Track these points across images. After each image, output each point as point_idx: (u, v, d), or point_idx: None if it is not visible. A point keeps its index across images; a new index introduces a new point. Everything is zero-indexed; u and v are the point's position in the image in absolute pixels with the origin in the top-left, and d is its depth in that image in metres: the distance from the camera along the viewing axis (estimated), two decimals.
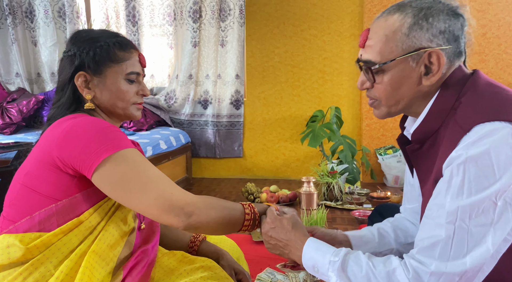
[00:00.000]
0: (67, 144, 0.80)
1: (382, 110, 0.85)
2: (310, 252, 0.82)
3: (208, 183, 3.69)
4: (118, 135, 0.82)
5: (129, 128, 3.41)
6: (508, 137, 0.67)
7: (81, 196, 0.83)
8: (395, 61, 0.78)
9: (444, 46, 0.76)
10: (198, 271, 0.93)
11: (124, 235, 0.88)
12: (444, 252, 0.67)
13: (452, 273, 0.66)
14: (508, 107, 0.70)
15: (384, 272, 0.71)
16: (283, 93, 3.76)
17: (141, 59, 0.97)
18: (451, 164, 0.70)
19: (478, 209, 0.66)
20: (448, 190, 0.69)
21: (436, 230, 0.69)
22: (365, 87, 0.85)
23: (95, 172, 0.78)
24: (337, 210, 2.68)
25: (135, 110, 0.96)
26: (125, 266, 0.86)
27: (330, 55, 3.66)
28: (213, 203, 0.84)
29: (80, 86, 0.91)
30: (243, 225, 0.89)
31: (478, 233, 0.66)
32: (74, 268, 0.79)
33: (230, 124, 3.80)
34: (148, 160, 0.85)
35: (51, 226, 0.81)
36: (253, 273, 1.56)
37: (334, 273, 0.76)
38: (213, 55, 3.73)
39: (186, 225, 0.79)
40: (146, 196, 0.78)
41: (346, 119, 3.67)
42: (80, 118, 0.84)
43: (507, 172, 0.66)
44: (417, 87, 0.80)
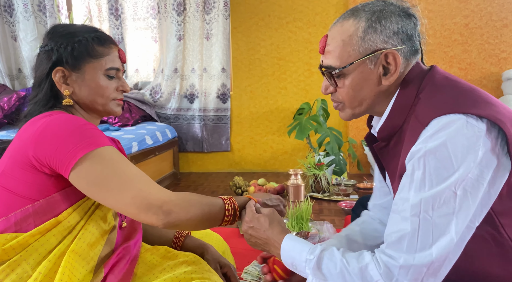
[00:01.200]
0: (43, 142, 0.78)
1: (347, 112, 0.87)
2: (288, 251, 0.82)
3: (195, 177, 3.67)
4: (95, 133, 0.81)
5: (114, 123, 3.36)
6: (462, 128, 0.68)
7: (59, 195, 0.81)
8: (354, 65, 0.80)
9: (399, 46, 0.79)
10: (181, 266, 0.92)
11: (104, 233, 0.87)
12: (411, 244, 0.69)
13: (420, 265, 0.68)
14: (462, 100, 0.72)
15: (357, 268, 0.72)
16: (270, 86, 3.75)
17: (121, 54, 0.95)
18: (412, 158, 0.72)
19: (439, 200, 0.68)
20: (411, 184, 0.71)
21: (402, 224, 0.70)
22: (328, 92, 0.87)
23: (72, 171, 0.76)
24: (324, 201, 2.71)
25: (115, 106, 0.95)
26: (106, 264, 0.85)
27: (316, 47, 3.65)
28: (192, 200, 0.84)
29: (58, 82, 0.88)
30: (223, 220, 0.89)
31: (441, 223, 0.68)
32: (53, 269, 0.78)
33: (217, 118, 3.78)
34: (126, 158, 0.83)
35: (28, 227, 0.79)
36: (240, 266, 1.56)
37: (310, 271, 0.77)
38: (198, 49, 3.69)
39: (165, 223, 0.78)
40: (123, 194, 0.77)
41: (333, 111, 3.68)
42: (55, 116, 0.82)
43: (464, 162, 0.68)
44: (378, 88, 0.82)
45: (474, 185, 0.68)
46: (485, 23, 3.33)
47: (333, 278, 0.75)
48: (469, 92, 0.75)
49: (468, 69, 3.40)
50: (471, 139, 0.68)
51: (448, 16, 3.37)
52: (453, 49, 3.40)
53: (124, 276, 0.87)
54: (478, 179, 0.68)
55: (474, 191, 0.68)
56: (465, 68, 3.40)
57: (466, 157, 0.68)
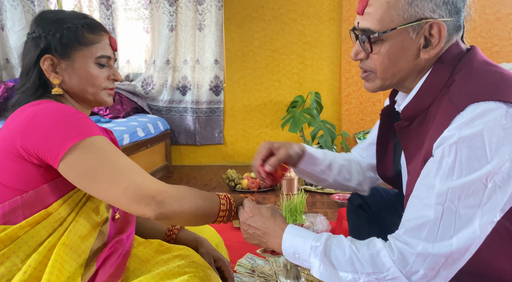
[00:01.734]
0: (31, 132, 0.75)
1: (376, 83, 0.82)
2: (290, 239, 0.80)
3: (188, 170, 3.65)
4: (86, 122, 0.78)
5: (105, 115, 3.32)
6: (501, 118, 0.65)
7: (48, 187, 0.79)
8: (396, 31, 0.74)
9: (446, 17, 0.73)
10: (175, 259, 0.91)
11: (96, 226, 0.85)
12: (431, 233, 0.66)
13: (438, 254, 0.66)
14: (503, 87, 0.68)
15: (368, 254, 0.70)
16: (263, 79, 3.73)
17: (112, 42, 0.92)
18: (442, 144, 0.68)
19: (467, 191, 0.65)
20: (438, 170, 0.68)
21: (424, 211, 0.68)
22: (359, 58, 0.81)
23: (61, 161, 0.74)
24: (317, 194, 2.71)
25: (106, 96, 0.92)
26: (98, 257, 0.83)
27: (310, 39, 3.63)
28: (186, 193, 0.82)
29: (46, 70, 0.85)
30: (218, 216, 0.87)
31: (466, 215, 0.65)
32: (43, 262, 0.76)
33: (210, 111, 3.75)
34: (118, 148, 0.81)
35: (16, 219, 0.77)
36: (234, 258, 1.55)
37: (318, 258, 0.74)
38: (190, 40, 3.64)
39: (158, 215, 0.76)
40: (115, 185, 0.75)
41: (326, 104, 3.68)
42: (44, 104, 0.79)
43: (498, 154, 0.64)
44: (415, 61, 0.77)
45: (505, 179, 0.65)
46: (478, 16, 3.34)
47: (341, 266, 0.72)
48: (510, 79, 0.70)
49: None
50: (509, 131, 0.64)
51: None
52: None
53: (116, 270, 0.85)
54: (509, 172, 0.65)
55: (504, 185, 0.66)
56: None
57: (501, 149, 0.64)
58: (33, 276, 0.74)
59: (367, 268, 0.70)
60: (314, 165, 1.06)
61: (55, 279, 0.74)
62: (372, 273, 0.69)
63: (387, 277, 0.68)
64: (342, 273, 0.72)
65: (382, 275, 0.69)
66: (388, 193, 1.20)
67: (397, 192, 1.18)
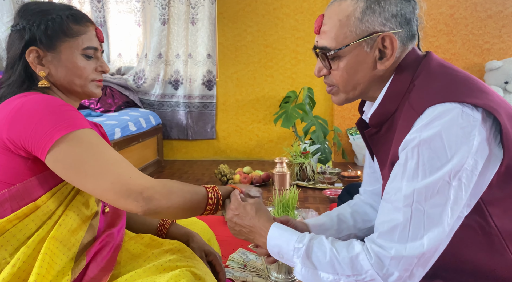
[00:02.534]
0: (17, 123, 0.73)
1: (340, 96, 0.85)
2: (275, 239, 0.81)
3: (180, 165, 3.64)
4: (73, 114, 0.77)
5: (96, 109, 3.28)
6: (458, 118, 0.67)
7: (36, 179, 0.78)
8: (350, 47, 0.78)
9: (396, 29, 0.77)
10: (166, 254, 0.90)
11: (86, 219, 0.84)
12: (402, 235, 0.68)
13: (411, 256, 0.67)
14: (458, 88, 0.71)
15: (348, 258, 0.72)
16: (256, 74, 3.72)
17: (98, 33, 0.91)
18: (406, 147, 0.71)
19: (433, 190, 0.67)
20: (404, 173, 0.70)
21: (394, 214, 0.70)
22: (322, 74, 0.85)
23: (48, 153, 0.73)
24: (309, 189, 2.72)
25: (94, 87, 0.91)
26: (89, 251, 0.82)
27: (303, 34, 3.62)
28: (174, 187, 0.81)
29: (32, 62, 0.84)
30: (205, 209, 0.87)
31: (434, 214, 0.67)
32: (32, 255, 0.75)
33: (203, 105, 3.73)
34: (105, 142, 0.80)
35: (4, 212, 0.76)
36: (226, 253, 1.55)
37: (299, 260, 0.76)
38: (183, 34, 3.61)
39: (146, 211, 0.75)
40: (102, 180, 0.74)
41: (319, 99, 3.69)
42: (31, 96, 0.77)
43: (458, 152, 0.67)
44: (373, 72, 0.80)
45: (468, 175, 0.68)
46: (470, 14, 3.36)
47: (322, 267, 0.74)
48: (464, 80, 0.73)
49: (452, 59, 3.44)
50: (466, 129, 0.67)
51: (434, 6, 3.38)
52: (438, 39, 3.43)
53: (107, 264, 0.84)
54: (472, 169, 0.68)
55: (468, 181, 0.68)
56: (449, 58, 3.44)
57: (461, 147, 0.67)
58: (22, 269, 0.73)
59: (347, 270, 0.72)
60: (326, 231, 1.02)
61: (45, 272, 0.73)
62: (351, 275, 0.72)
63: (366, 279, 0.71)
64: (323, 274, 0.74)
65: (361, 277, 0.71)
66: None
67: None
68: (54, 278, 0.75)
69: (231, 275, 1.39)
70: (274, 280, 1.37)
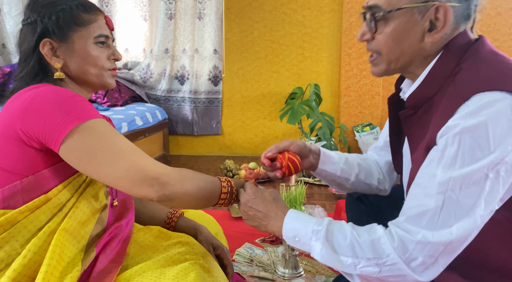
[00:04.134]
0: (30, 115, 0.74)
1: (381, 66, 0.82)
2: (292, 223, 0.80)
3: (185, 160, 3.64)
4: (85, 105, 0.77)
5: (103, 103, 3.29)
6: (507, 109, 0.65)
7: (48, 172, 0.78)
8: (402, 11, 0.74)
9: (454, 3, 0.73)
10: (175, 246, 0.91)
11: (95, 212, 0.84)
12: (431, 221, 0.67)
13: (438, 243, 0.66)
14: (510, 77, 0.68)
15: (369, 240, 0.71)
16: (262, 70, 3.71)
17: (108, 21, 0.91)
18: (446, 133, 0.68)
19: (469, 181, 0.65)
20: (441, 160, 0.68)
21: (425, 200, 0.68)
22: (365, 39, 0.82)
23: (62, 144, 0.73)
24: (315, 186, 2.71)
25: (109, 78, 0.91)
26: (98, 243, 0.83)
27: (310, 31, 3.60)
28: (189, 175, 0.81)
29: (47, 54, 0.84)
30: (219, 198, 0.86)
31: (466, 204, 0.66)
32: (43, 247, 0.75)
33: (208, 101, 3.72)
34: (117, 131, 0.80)
35: (16, 203, 0.76)
36: (232, 248, 1.56)
37: (319, 241, 0.75)
38: (190, 29, 3.60)
39: (161, 196, 0.75)
40: (116, 167, 0.74)
41: (325, 96, 3.67)
42: (42, 88, 0.78)
43: (502, 144, 0.64)
44: (419, 44, 0.77)
45: (507, 169, 0.65)
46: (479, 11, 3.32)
47: (342, 250, 0.73)
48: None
49: None
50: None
51: None
52: None
53: (116, 256, 0.85)
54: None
55: (507, 175, 0.66)
56: None
57: (505, 140, 0.64)
58: (33, 260, 0.74)
59: (368, 253, 0.71)
60: (333, 164, 1.05)
61: (55, 263, 0.74)
62: (372, 258, 0.70)
63: (387, 263, 0.69)
64: (342, 257, 0.73)
65: (381, 261, 0.70)
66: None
67: (396, 185, 1.19)
68: (65, 269, 0.76)
69: (238, 269, 1.39)
70: (281, 275, 1.37)
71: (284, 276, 1.37)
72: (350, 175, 1.06)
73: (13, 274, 0.72)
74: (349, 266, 0.72)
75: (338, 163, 1.05)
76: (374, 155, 1.13)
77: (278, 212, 0.83)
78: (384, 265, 0.70)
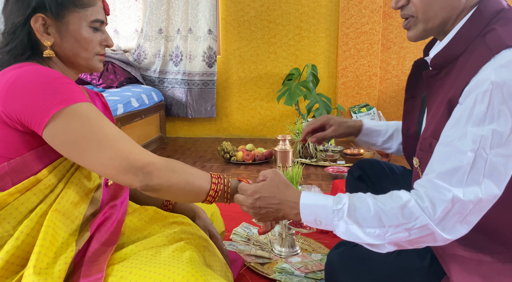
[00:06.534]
0: (12, 97, 0.71)
1: (418, 28, 0.81)
2: (309, 207, 0.78)
3: (183, 142, 3.63)
4: (70, 87, 0.74)
5: (98, 85, 3.25)
6: None
7: (35, 153, 0.76)
8: None
9: None
10: (171, 226, 0.90)
11: (89, 192, 0.83)
12: (461, 179, 0.66)
13: (468, 201, 0.66)
14: None
15: (396, 207, 0.70)
16: (259, 50, 3.65)
17: (105, 6, 0.88)
18: (474, 90, 0.67)
19: (500, 139, 0.65)
20: (470, 117, 0.66)
21: (454, 157, 0.67)
22: (400, 5, 0.81)
23: (45, 128, 0.71)
24: (311, 166, 2.72)
25: (97, 62, 0.89)
26: (92, 223, 0.82)
27: (307, 10, 3.54)
28: (176, 167, 0.78)
29: (38, 30, 0.80)
30: (207, 195, 0.82)
31: (497, 163, 0.65)
32: (35, 228, 0.74)
33: (203, 83, 3.67)
34: (104, 116, 0.77)
35: (5, 185, 0.75)
36: (229, 227, 1.56)
37: (343, 220, 0.73)
38: (183, 8, 3.53)
39: (144, 186, 0.73)
40: (101, 155, 0.72)
41: (322, 77, 3.64)
42: (26, 68, 0.75)
43: None
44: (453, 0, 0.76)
45: None
46: None
47: (367, 223, 0.72)
48: None
49: None
50: None
51: None
52: None
53: (112, 235, 0.84)
54: None
55: None
56: None
57: None
58: (26, 242, 0.73)
59: (395, 220, 0.69)
60: (374, 137, 1.14)
61: (48, 244, 0.73)
62: (400, 224, 0.69)
63: (416, 226, 0.68)
64: (369, 230, 0.72)
65: (409, 225, 0.69)
66: (390, 167, 1.20)
67: (400, 167, 1.19)
68: (59, 249, 0.75)
69: (235, 248, 1.40)
70: (277, 254, 1.38)
71: (280, 254, 1.38)
72: (392, 145, 1.15)
73: (6, 255, 0.71)
74: (377, 236, 0.71)
75: (380, 136, 1.15)
76: None
77: (290, 200, 0.80)
78: (413, 228, 0.69)
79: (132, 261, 0.75)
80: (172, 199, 0.96)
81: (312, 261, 1.32)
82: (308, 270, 1.27)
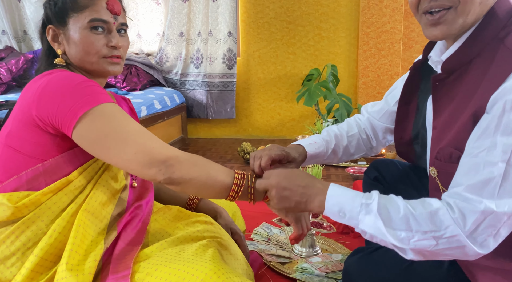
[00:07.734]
0: (44, 101, 0.76)
1: (456, 22, 0.74)
2: (336, 197, 0.75)
3: (204, 143, 3.68)
4: (95, 90, 0.78)
5: (122, 88, 3.34)
6: None
7: (67, 155, 0.81)
8: None
9: None
10: (194, 225, 0.93)
11: (116, 192, 0.87)
12: (493, 191, 0.64)
13: (501, 213, 0.63)
14: None
15: (426, 213, 0.67)
16: (278, 51, 3.66)
17: (110, 5, 0.87)
18: (501, 98, 0.64)
19: None
20: (499, 126, 0.64)
21: (486, 168, 0.65)
22: None
23: (74, 130, 0.75)
24: (331, 167, 2.71)
25: (106, 64, 0.87)
26: (119, 222, 0.86)
27: (327, 10, 3.52)
28: (198, 161, 0.79)
29: (51, 41, 0.88)
30: (230, 189, 0.80)
31: None
32: (66, 227, 0.79)
33: (223, 85, 3.70)
34: (128, 114, 0.81)
35: (39, 185, 0.79)
36: (250, 227, 1.58)
37: (371, 215, 0.71)
38: (204, 11, 3.58)
39: (167, 179, 0.75)
40: (125, 151, 0.75)
41: (342, 77, 3.61)
42: (55, 74, 0.80)
43: None
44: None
45: None
46: None
47: (394, 224, 0.69)
48: None
49: None
50: None
51: None
52: None
53: (137, 234, 0.88)
54: None
55: None
56: None
57: None
58: (58, 240, 0.78)
59: (424, 226, 0.67)
60: (317, 158, 1.11)
61: (79, 242, 0.77)
62: (429, 231, 0.67)
63: (445, 235, 0.66)
64: (395, 231, 0.69)
65: (439, 233, 0.67)
66: (403, 165, 1.19)
67: (413, 165, 1.18)
68: (88, 247, 0.79)
69: (255, 248, 1.42)
70: (298, 253, 1.39)
71: (301, 254, 1.39)
72: (333, 160, 1.15)
73: (40, 252, 0.75)
74: (402, 240, 0.69)
75: (322, 157, 1.11)
76: (372, 118, 1.14)
77: (318, 186, 0.77)
78: (442, 237, 0.66)
79: (157, 259, 0.78)
80: (194, 193, 0.96)
81: (333, 262, 1.33)
82: (329, 270, 1.27)
